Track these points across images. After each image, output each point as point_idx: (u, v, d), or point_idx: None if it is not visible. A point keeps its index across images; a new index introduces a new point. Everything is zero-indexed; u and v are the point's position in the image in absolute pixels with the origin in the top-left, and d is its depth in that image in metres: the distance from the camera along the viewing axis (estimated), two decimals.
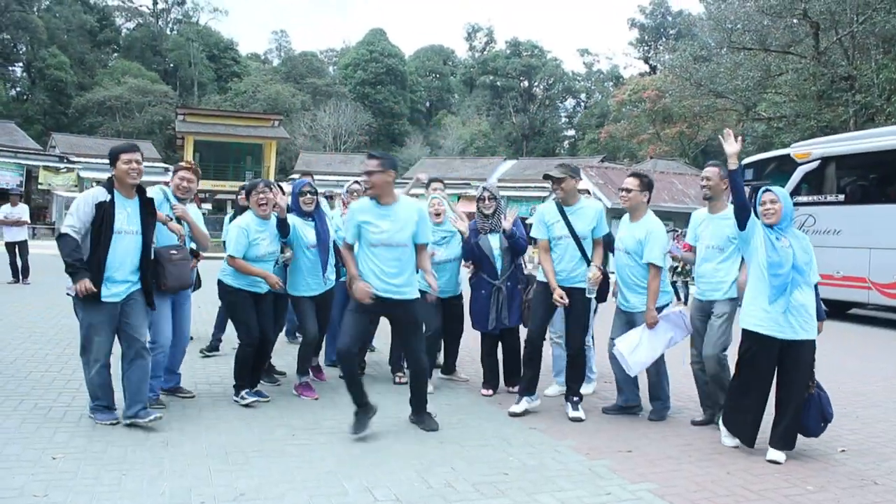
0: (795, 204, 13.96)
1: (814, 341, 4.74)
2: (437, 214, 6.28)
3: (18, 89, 63.20)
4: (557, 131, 77.56)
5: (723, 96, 31.93)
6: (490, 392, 6.25)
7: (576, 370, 5.65)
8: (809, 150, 14.73)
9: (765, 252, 4.72)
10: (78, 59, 63.04)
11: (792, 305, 4.63)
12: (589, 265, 5.44)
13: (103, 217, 4.57)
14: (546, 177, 5.55)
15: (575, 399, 5.65)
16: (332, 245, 6.15)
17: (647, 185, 5.61)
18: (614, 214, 26.31)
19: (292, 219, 5.94)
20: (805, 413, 4.73)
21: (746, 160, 16.76)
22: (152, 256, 4.94)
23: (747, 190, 13.35)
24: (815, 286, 4.79)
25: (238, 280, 5.62)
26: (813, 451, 4.91)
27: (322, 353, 6.96)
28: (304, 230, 5.96)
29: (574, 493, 4.00)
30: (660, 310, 5.46)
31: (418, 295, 5.26)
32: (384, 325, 5.77)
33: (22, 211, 14.16)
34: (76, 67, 61.78)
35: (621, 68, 76.02)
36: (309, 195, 6.03)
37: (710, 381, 5.37)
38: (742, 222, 4.85)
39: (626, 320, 5.66)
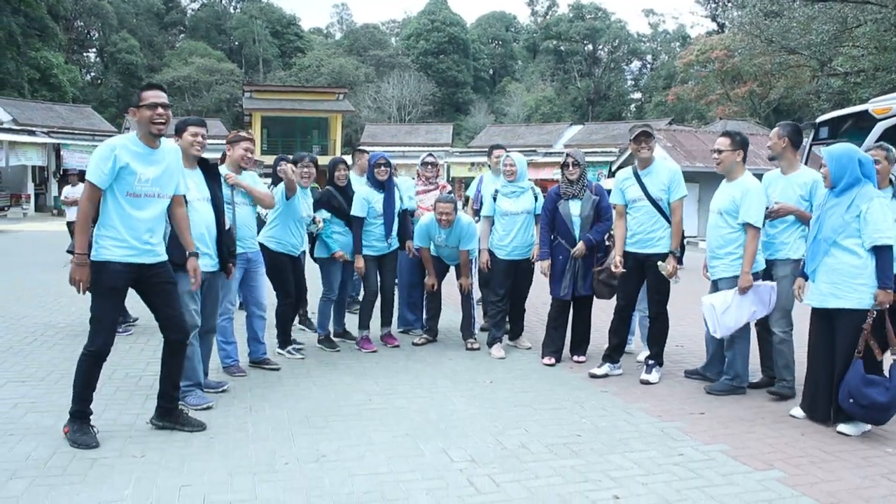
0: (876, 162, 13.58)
1: (856, 310, 4.43)
2: (511, 173, 6.40)
3: (93, 74, 65.12)
4: (623, 95, 76.00)
5: (796, 52, 30.69)
6: (552, 361, 6.17)
7: (656, 333, 5.70)
8: (890, 105, 14.11)
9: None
10: (147, 42, 64.55)
11: (823, 272, 4.52)
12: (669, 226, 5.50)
13: None
14: (642, 133, 5.52)
15: (651, 363, 5.67)
16: (396, 215, 6.62)
17: (739, 143, 5.32)
18: (685, 178, 25.78)
19: (365, 190, 6.49)
20: (841, 387, 4.44)
21: (821, 118, 16.16)
22: (226, 222, 5.01)
23: (821, 149, 12.87)
24: (877, 249, 4.39)
25: (279, 245, 6.03)
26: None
27: (395, 319, 7.15)
28: (374, 200, 6.45)
29: (646, 454, 4.04)
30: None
31: None
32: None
33: (81, 190, 14.56)
34: (145, 50, 63.26)
35: (688, 28, 74.15)
36: (383, 167, 6.50)
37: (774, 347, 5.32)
38: None
39: (715, 290, 5.44)
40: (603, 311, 6.53)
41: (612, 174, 28.33)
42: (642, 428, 4.52)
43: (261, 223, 6.21)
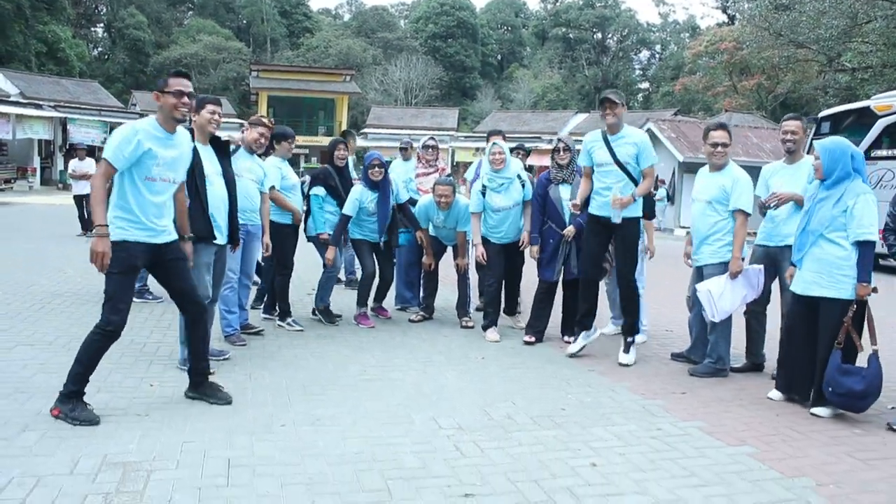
0: (875, 158, 13.69)
1: (839, 300, 4.57)
2: (500, 161, 6.37)
3: (100, 49, 65.18)
4: (631, 84, 75.83)
5: (804, 46, 30.68)
6: (533, 339, 6.33)
7: (628, 305, 5.76)
8: (891, 103, 14.26)
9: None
10: (155, 19, 64.55)
11: (810, 261, 4.68)
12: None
13: (195, 163, 4.67)
14: (605, 100, 5.56)
15: (629, 340, 5.80)
16: (389, 213, 6.76)
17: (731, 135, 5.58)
18: (686, 169, 25.93)
19: (359, 189, 6.64)
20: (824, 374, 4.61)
21: (822, 113, 16.31)
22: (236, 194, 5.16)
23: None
24: (860, 244, 4.53)
25: (282, 217, 6.31)
26: None
27: (392, 297, 7.44)
28: (367, 200, 6.62)
29: (626, 428, 4.24)
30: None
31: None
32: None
33: (89, 165, 14.53)
34: (153, 26, 63.27)
35: (698, 18, 73.97)
36: (378, 168, 6.62)
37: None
38: None
39: (700, 277, 5.63)
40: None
41: None
42: (625, 404, 4.72)
43: None
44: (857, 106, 15.90)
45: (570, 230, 6.17)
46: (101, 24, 64.80)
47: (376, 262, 6.88)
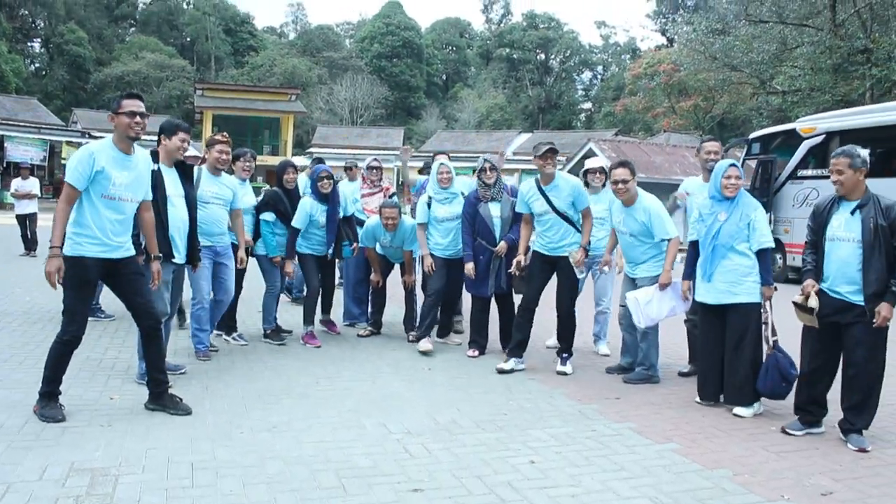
0: (802, 177, 14.46)
1: (748, 304, 5.05)
2: (446, 180, 6.72)
3: (38, 65, 63.92)
4: (574, 104, 77.49)
5: (738, 69, 31.90)
6: (476, 353, 6.61)
7: (565, 329, 6.17)
8: (815, 125, 15.03)
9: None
10: (95, 35, 63.68)
11: (720, 273, 5.12)
12: (579, 233, 5.99)
13: (157, 184, 4.86)
14: (549, 150, 5.89)
15: (564, 356, 6.18)
16: (337, 225, 6.91)
17: (634, 169, 5.88)
18: None
19: (309, 203, 6.74)
20: (763, 376, 5.02)
21: (753, 134, 17.10)
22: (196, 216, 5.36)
23: (753, 163, 13.73)
24: (762, 251, 5.07)
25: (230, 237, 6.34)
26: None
27: (341, 313, 7.69)
28: (317, 213, 6.73)
29: (563, 430, 4.58)
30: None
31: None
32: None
33: (32, 184, 14.52)
34: (94, 43, 62.40)
35: (638, 41, 76.11)
36: (326, 180, 6.75)
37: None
38: None
39: (633, 287, 5.99)
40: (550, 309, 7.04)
41: None
42: (562, 409, 5.07)
43: None
44: (784, 128, 16.70)
45: (502, 246, 6.47)
46: (39, 39, 63.59)
47: (319, 278, 6.97)
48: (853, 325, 4.44)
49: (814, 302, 4.50)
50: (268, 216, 6.73)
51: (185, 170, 5.27)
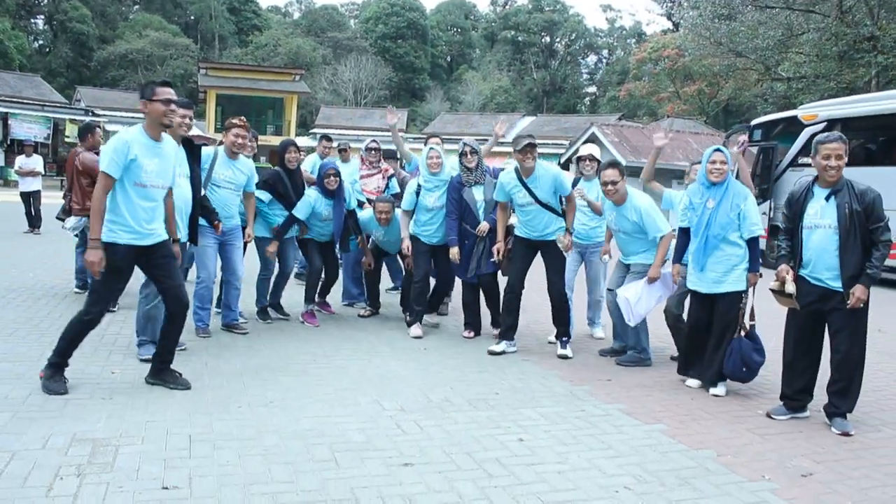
0: (802, 165, 14.49)
1: (735, 291, 5.18)
2: (436, 165, 6.69)
3: (41, 42, 63.73)
4: (578, 88, 77.28)
5: (743, 55, 31.76)
6: (471, 334, 6.74)
7: (560, 312, 6.21)
8: (816, 112, 15.05)
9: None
10: (99, 12, 63.41)
11: (713, 263, 5.22)
12: (564, 219, 6.08)
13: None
14: (529, 145, 5.90)
15: (564, 339, 6.26)
16: (343, 219, 6.91)
17: (623, 170, 5.94)
18: (628, 172, 26.63)
19: (314, 195, 6.78)
20: (727, 358, 5.17)
21: (755, 121, 17.12)
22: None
23: (754, 150, 13.72)
24: (751, 239, 5.17)
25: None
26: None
27: (340, 292, 7.81)
28: (320, 206, 6.77)
29: (553, 409, 4.68)
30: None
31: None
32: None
33: (36, 162, 14.53)
34: (98, 20, 62.16)
35: (644, 25, 75.47)
36: (333, 177, 6.77)
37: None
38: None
39: (625, 272, 6.12)
40: (538, 294, 7.13)
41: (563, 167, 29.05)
42: (554, 390, 5.17)
43: None
44: (785, 115, 16.72)
45: (483, 226, 6.50)
46: (42, 16, 63.31)
47: (321, 260, 7.04)
48: (834, 312, 4.54)
49: (790, 287, 4.61)
50: (262, 195, 6.69)
51: (192, 149, 5.32)
